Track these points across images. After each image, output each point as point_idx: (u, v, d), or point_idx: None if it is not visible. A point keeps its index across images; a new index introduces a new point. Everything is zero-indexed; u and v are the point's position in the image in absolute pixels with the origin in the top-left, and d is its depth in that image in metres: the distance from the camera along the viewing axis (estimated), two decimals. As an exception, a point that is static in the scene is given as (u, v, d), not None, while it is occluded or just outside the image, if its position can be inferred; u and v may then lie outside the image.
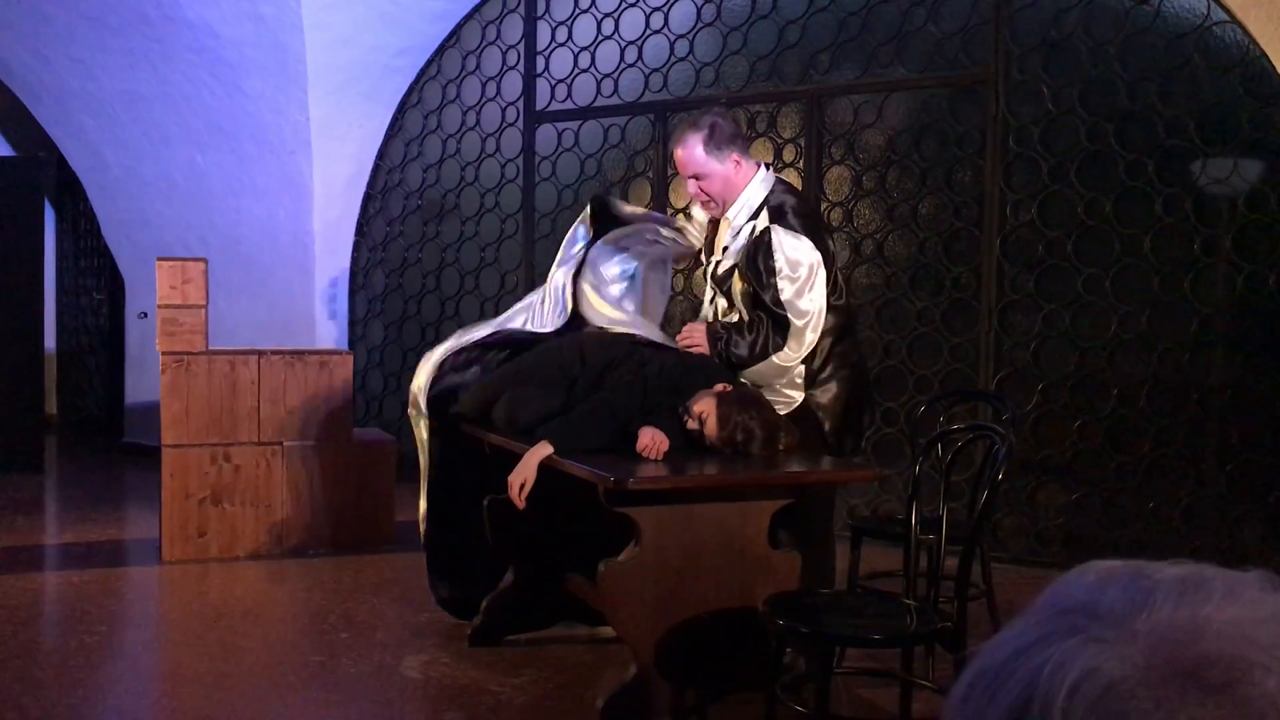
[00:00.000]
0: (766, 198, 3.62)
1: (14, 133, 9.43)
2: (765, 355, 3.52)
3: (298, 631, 4.47)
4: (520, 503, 3.41)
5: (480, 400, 4.01)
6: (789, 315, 3.47)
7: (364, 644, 4.24)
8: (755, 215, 3.60)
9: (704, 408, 3.41)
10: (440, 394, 4.13)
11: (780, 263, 3.47)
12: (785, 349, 3.51)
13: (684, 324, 3.95)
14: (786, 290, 3.47)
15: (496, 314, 7.49)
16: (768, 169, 3.75)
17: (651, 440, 3.36)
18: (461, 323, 7.66)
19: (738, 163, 3.64)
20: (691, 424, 3.43)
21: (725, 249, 3.70)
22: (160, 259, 5.84)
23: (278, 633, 4.45)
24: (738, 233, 3.63)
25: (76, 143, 8.27)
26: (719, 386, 3.48)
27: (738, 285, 3.63)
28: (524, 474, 3.39)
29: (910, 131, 5.92)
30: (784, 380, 3.63)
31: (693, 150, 3.62)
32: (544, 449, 3.39)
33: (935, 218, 5.86)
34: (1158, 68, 5.22)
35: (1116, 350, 5.36)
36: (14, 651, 4.10)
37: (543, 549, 4.16)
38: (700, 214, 3.96)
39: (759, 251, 3.51)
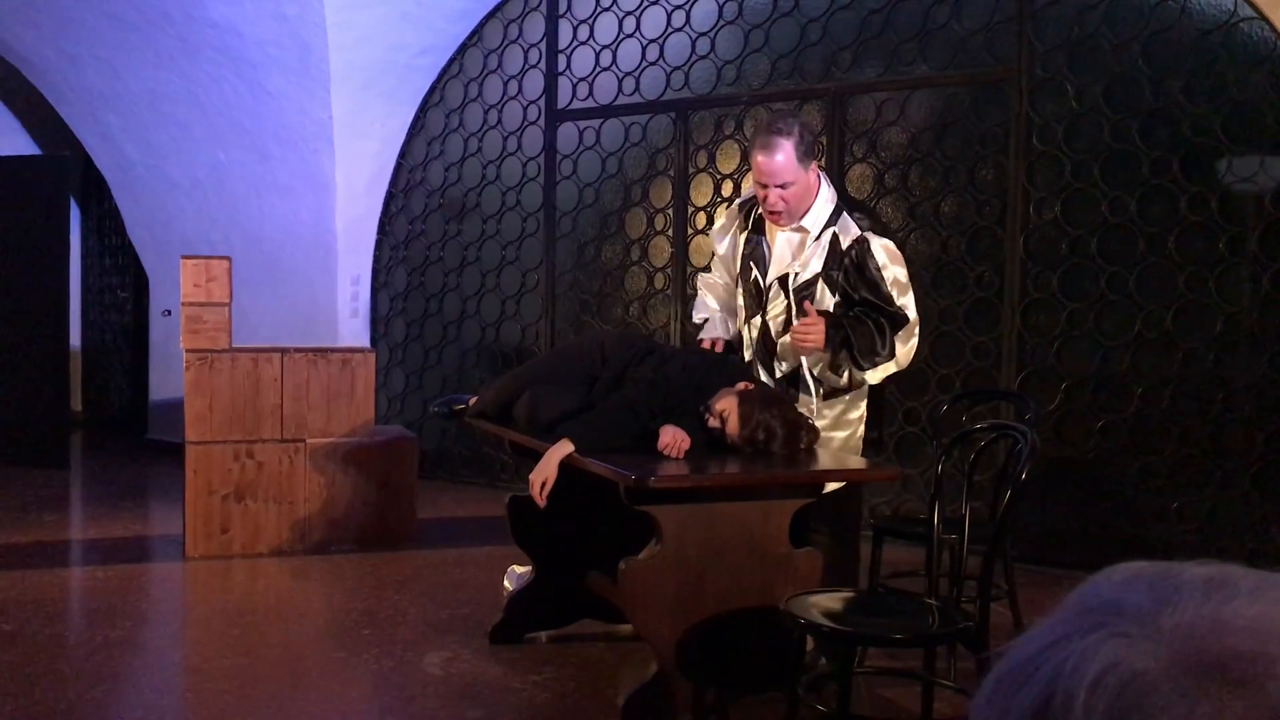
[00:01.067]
0: (838, 205, 3.55)
1: (40, 132, 9.51)
2: (893, 353, 3.47)
3: (320, 628, 4.49)
4: (541, 501, 3.41)
5: (501, 398, 4.02)
6: (908, 314, 3.45)
7: (386, 640, 4.26)
8: (830, 223, 3.52)
9: (725, 406, 3.41)
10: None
11: (885, 264, 3.45)
12: (900, 350, 3.48)
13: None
14: (894, 288, 3.46)
15: (518, 312, 7.56)
16: (824, 173, 3.69)
17: (672, 438, 3.36)
18: (482, 321, 7.70)
19: (819, 174, 3.57)
20: (713, 422, 3.43)
21: (795, 259, 3.58)
22: (184, 257, 5.88)
23: (300, 629, 4.47)
24: (817, 239, 3.53)
25: (102, 141, 8.33)
26: (740, 385, 3.48)
27: (826, 296, 3.53)
28: (545, 472, 3.40)
29: (933, 129, 5.90)
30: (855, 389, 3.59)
31: (790, 157, 3.44)
32: (565, 447, 3.39)
33: (958, 216, 5.84)
34: (1183, 65, 5.18)
35: (1140, 349, 5.33)
36: (40, 645, 4.14)
37: (563, 547, 4.17)
38: (722, 218, 3.93)
39: (862, 259, 3.45)
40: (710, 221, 6.67)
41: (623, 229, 7.08)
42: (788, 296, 3.60)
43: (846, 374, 3.55)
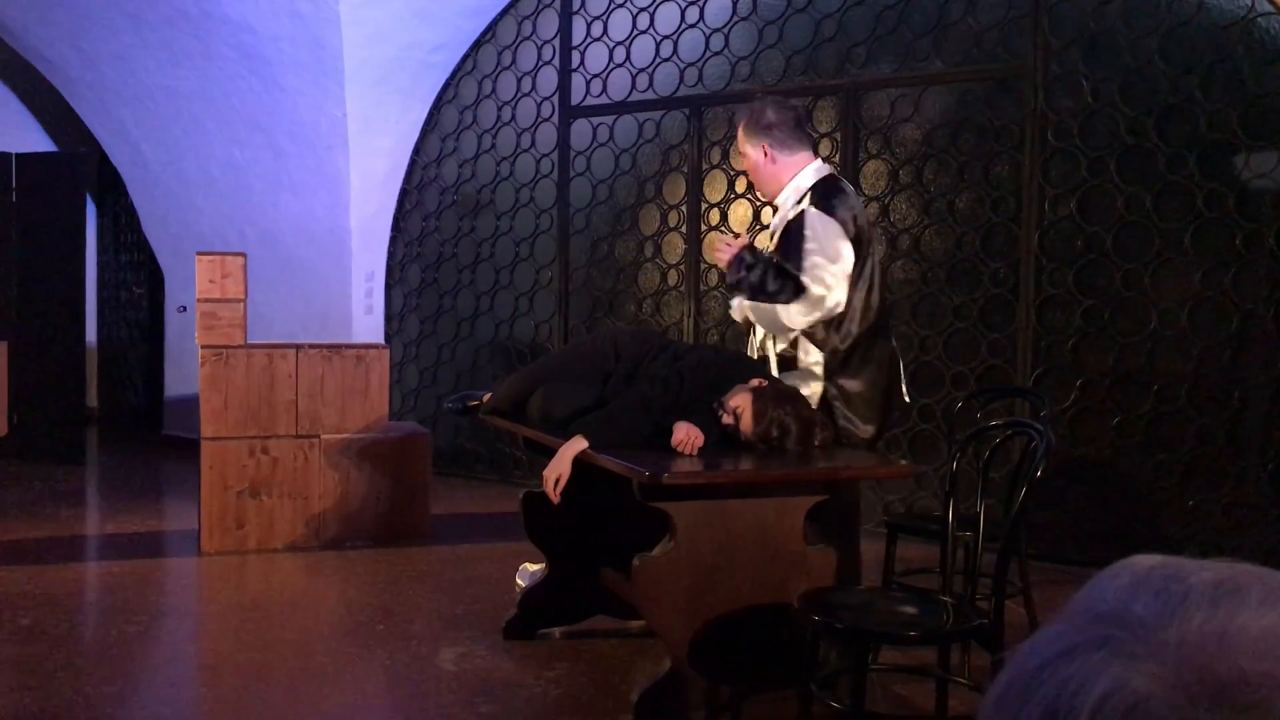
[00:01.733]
0: (814, 185, 3.69)
1: (56, 129, 9.55)
2: (772, 300, 3.59)
3: (334, 623, 4.51)
4: (555, 497, 3.41)
5: (515, 394, 4.03)
6: (807, 280, 3.54)
7: (399, 636, 4.27)
8: (799, 201, 3.69)
9: (739, 403, 3.40)
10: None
11: (810, 235, 3.57)
12: (792, 307, 3.56)
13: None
14: (809, 259, 3.54)
15: (531, 308, 7.57)
16: (824, 162, 3.82)
17: (686, 435, 3.36)
18: (495, 317, 7.71)
19: (765, 152, 3.73)
20: (727, 419, 3.42)
21: (772, 234, 3.84)
22: (199, 253, 5.90)
23: (314, 624, 4.48)
24: (785, 217, 3.72)
25: (117, 138, 8.36)
26: (755, 382, 3.48)
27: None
28: (559, 469, 3.40)
29: (947, 125, 5.88)
30: (800, 369, 3.67)
31: (740, 135, 3.83)
32: (579, 443, 3.39)
33: (973, 212, 5.82)
34: (1200, 60, 5.15)
35: (1156, 346, 5.31)
36: (57, 639, 4.16)
37: (577, 543, 4.18)
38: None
39: (793, 227, 3.63)
40: (724, 218, 6.66)
41: (636, 225, 7.08)
42: None
43: (784, 343, 3.69)
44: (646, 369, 3.71)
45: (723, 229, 6.64)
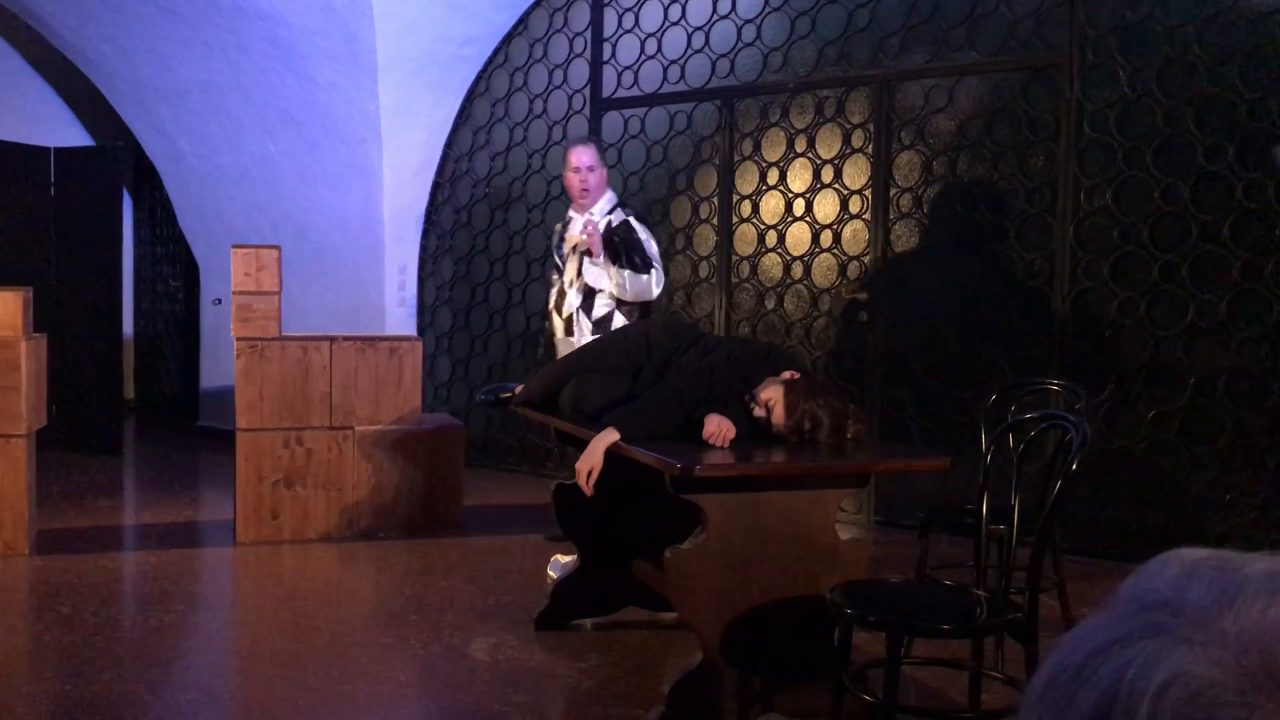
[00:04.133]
0: (615, 205, 5.01)
1: (93, 123, 9.65)
2: (638, 273, 4.76)
3: (368, 613, 4.54)
4: (588, 490, 3.42)
5: (546, 386, 4.04)
6: (656, 264, 4.82)
7: (433, 626, 4.30)
8: (611, 210, 4.96)
9: (771, 395, 3.40)
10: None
11: (643, 237, 4.86)
12: (652, 280, 4.78)
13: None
14: (650, 248, 4.85)
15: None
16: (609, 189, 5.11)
17: (718, 427, 3.36)
18: (527, 310, 7.72)
19: (604, 179, 5.07)
20: (759, 411, 3.42)
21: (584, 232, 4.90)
22: (234, 246, 5.94)
23: (348, 614, 4.52)
24: (599, 221, 4.90)
25: (153, 132, 8.44)
26: (787, 374, 3.47)
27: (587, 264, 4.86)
28: (591, 461, 3.40)
29: (982, 116, 5.84)
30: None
31: (595, 153, 5.06)
32: (611, 435, 3.39)
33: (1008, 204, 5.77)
34: (1239, 48, 5.08)
35: (1194, 339, 5.25)
36: (96, 628, 4.22)
37: (609, 535, 4.18)
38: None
39: (625, 234, 4.82)
40: (756, 210, 6.64)
41: (667, 217, 7.07)
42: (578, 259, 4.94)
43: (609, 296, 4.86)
44: (678, 361, 3.71)
45: (754, 221, 6.63)
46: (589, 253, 4.86)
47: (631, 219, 4.97)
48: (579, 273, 4.94)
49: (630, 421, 3.43)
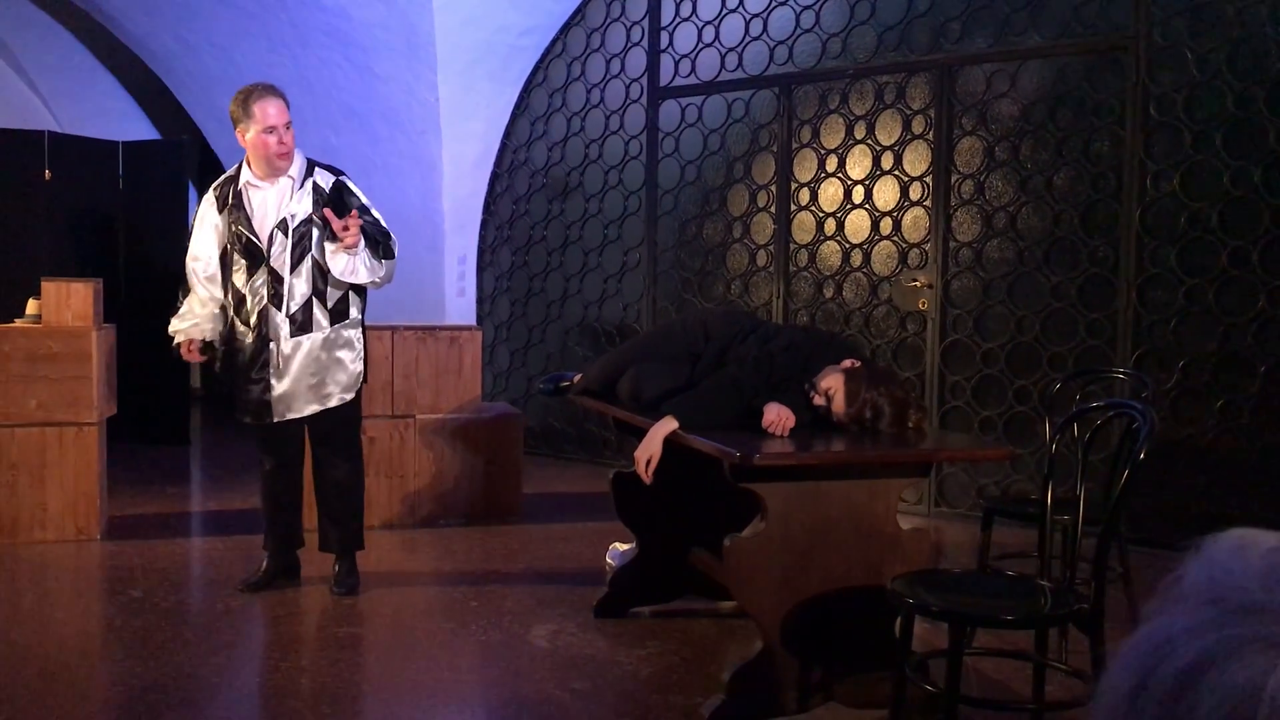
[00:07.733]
0: (309, 161, 4.33)
1: (159, 117, 9.82)
2: (389, 256, 4.28)
3: (429, 599, 4.59)
4: (648, 478, 3.42)
5: (605, 375, 4.05)
6: (391, 234, 4.29)
7: (493, 613, 4.33)
8: (308, 175, 4.28)
9: (832, 384, 3.38)
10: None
11: (368, 201, 4.32)
12: (394, 260, 4.31)
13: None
14: (375, 214, 4.29)
15: (619, 290, 7.59)
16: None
17: (777, 416, 3.35)
18: (585, 299, 7.75)
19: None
20: (818, 400, 3.40)
21: (285, 206, 4.26)
22: (297, 237, 6.01)
23: (409, 600, 4.57)
24: (301, 187, 4.25)
25: (217, 125, 8.55)
26: (847, 363, 3.45)
27: (315, 231, 4.24)
28: (650, 449, 3.41)
29: (1045, 101, 5.75)
30: (349, 320, 4.39)
31: (282, 102, 4.30)
32: (669, 424, 3.40)
33: (1071, 190, 5.69)
34: (1313, 29, 4.96)
35: (1264, 326, 5.14)
36: (165, 612, 4.31)
37: (667, 523, 4.19)
38: (200, 220, 4.44)
39: (345, 196, 4.25)
40: (814, 197, 6.60)
41: (724, 206, 7.05)
42: (288, 236, 4.25)
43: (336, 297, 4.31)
44: (736, 350, 3.70)
45: (813, 209, 6.59)
46: (333, 236, 4.15)
47: (346, 180, 4.30)
48: (300, 260, 4.23)
49: (689, 410, 3.43)
